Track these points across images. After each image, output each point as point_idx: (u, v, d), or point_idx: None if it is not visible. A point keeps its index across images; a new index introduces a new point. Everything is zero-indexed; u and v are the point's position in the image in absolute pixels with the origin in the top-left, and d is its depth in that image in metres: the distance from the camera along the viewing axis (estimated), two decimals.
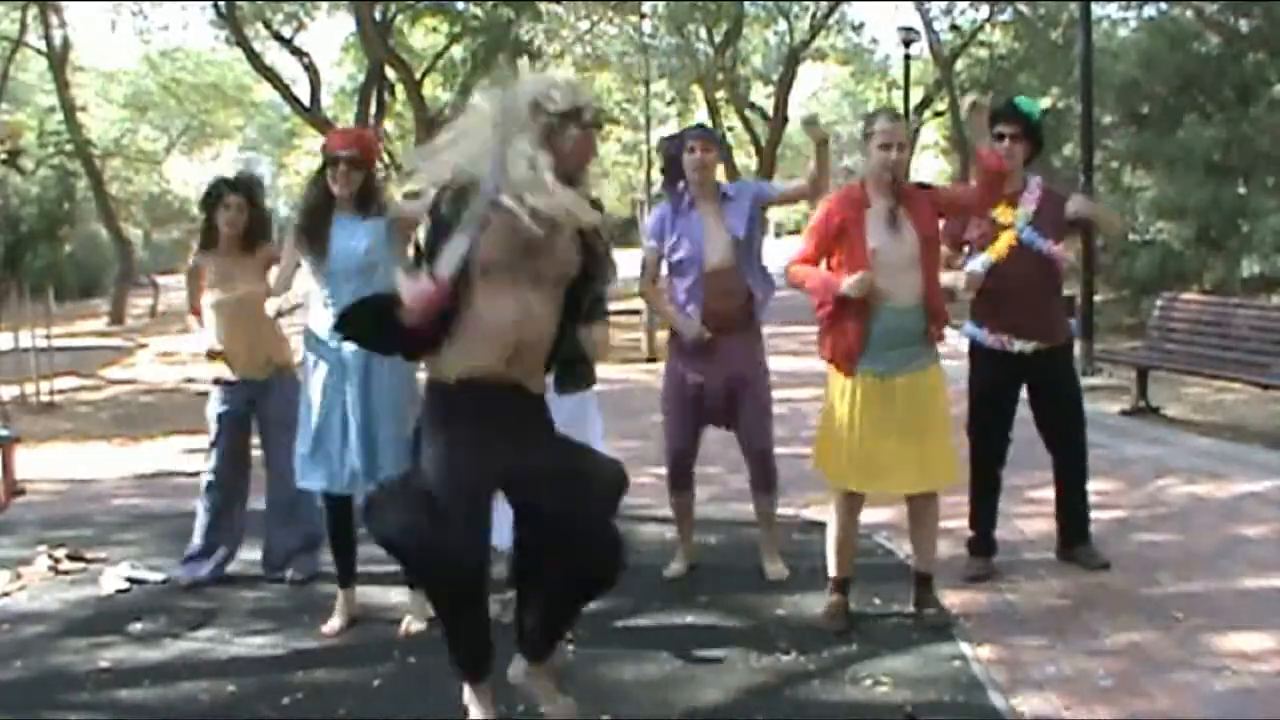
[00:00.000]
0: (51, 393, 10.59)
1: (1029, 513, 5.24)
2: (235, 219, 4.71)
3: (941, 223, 4.15)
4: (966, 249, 4.48)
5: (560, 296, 3.08)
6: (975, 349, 4.57)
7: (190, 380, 11.57)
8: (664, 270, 4.64)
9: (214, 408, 4.84)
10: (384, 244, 4.10)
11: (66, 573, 5.06)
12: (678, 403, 4.62)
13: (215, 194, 4.75)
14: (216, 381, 4.83)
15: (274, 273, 4.47)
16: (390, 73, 19.69)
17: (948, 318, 4.04)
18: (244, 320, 4.68)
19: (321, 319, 4.11)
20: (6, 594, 4.80)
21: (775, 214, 38.49)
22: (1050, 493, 4.75)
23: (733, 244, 4.45)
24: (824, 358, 4.06)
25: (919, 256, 3.91)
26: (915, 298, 3.91)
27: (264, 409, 4.79)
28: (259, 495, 4.94)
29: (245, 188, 4.80)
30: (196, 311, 4.88)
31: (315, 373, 4.17)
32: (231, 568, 4.92)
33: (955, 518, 4.54)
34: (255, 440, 4.95)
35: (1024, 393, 4.58)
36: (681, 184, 4.53)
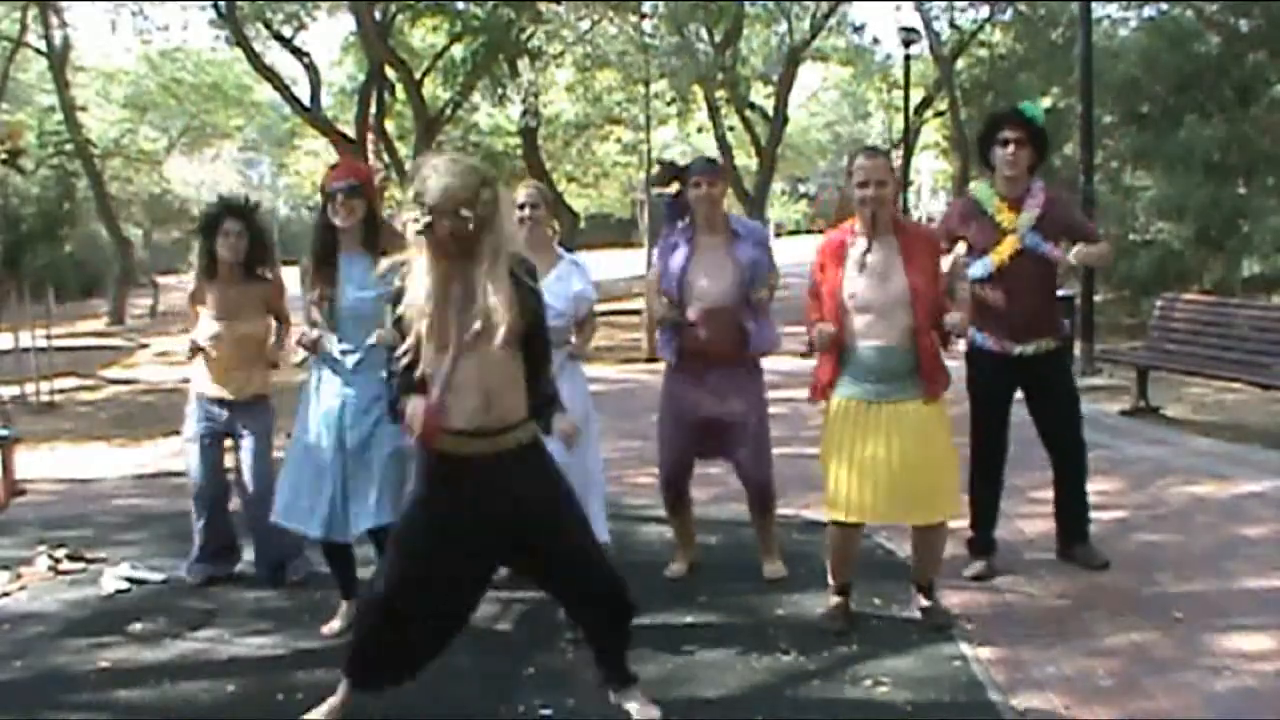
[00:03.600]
0: (51, 393, 10.59)
1: (1029, 513, 5.24)
2: (235, 245, 4.67)
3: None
4: (963, 247, 4.46)
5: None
6: (973, 351, 4.57)
7: (189, 380, 11.56)
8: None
9: (191, 426, 4.86)
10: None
11: (66, 573, 5.06)
12: (673, 429, 4.61)
13: (214, 220, 4.70)
14: (199, 398, 4.84)
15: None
16: (390, 73, 19.67)
17: (942, 372, 3.93)
18: (238, 356, 4.72)
19: (324, 354, 4.10)
20: (6, 594, 4.80)
21: (775, 213, 38.45)
22: (1051, 493, 4.75)
23: (735, 284, 4.43)
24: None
25: (908, 301, 3.82)
26: (900, 338, 3.84)
27: (242, 432, 4.80)
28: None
29: (245, 213, 4.74)
30: (194, 345, 4.81)
31: (318, 406, 4.14)
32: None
33: (955, 518, 4.54)
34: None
35: (1019, 394, 4.58)
36: (685, 220, 4.52)
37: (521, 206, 4.53)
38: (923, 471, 3.84)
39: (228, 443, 4.90)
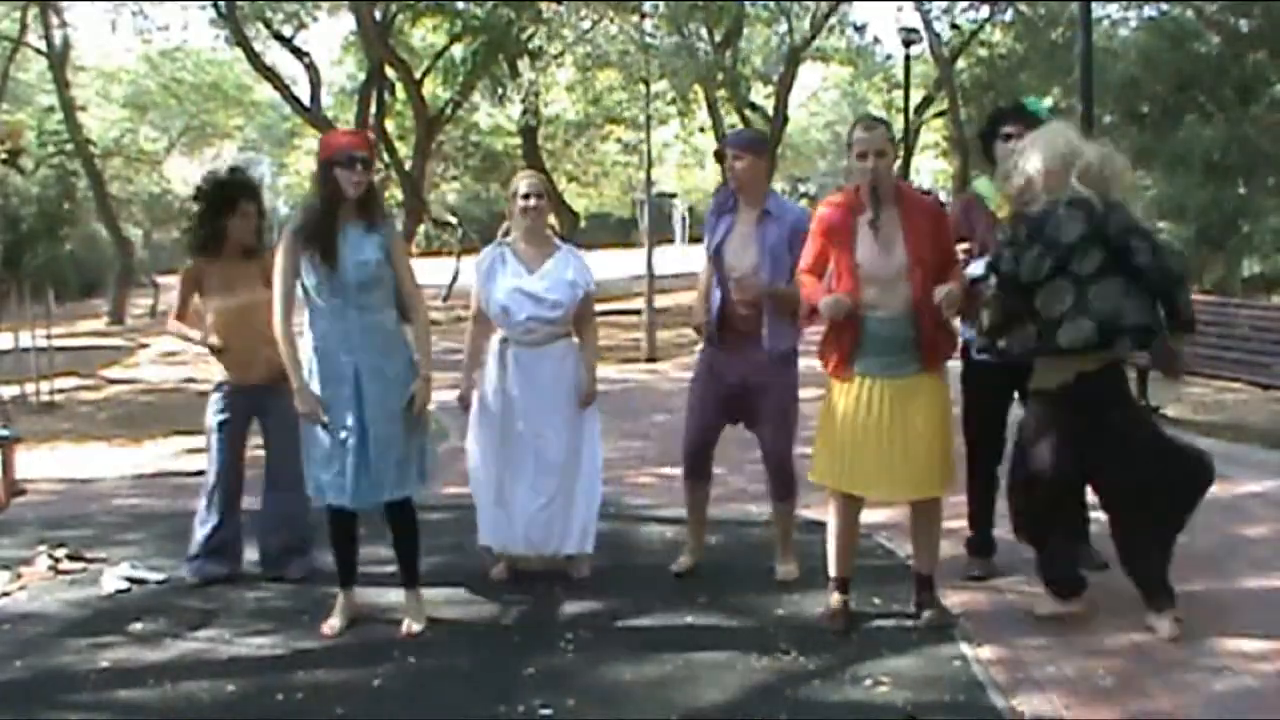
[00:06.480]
0: (51, 393, 10.58)
1: None
2: (253, 226, 4.74)
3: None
4: (964, 245, 4.43)
5: None
6: (970, 350, 4.55)
7: (190, 380, 11.58)
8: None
9: (214, 414, 4.83)
10: (388, 258, 4.09)
11: (66, 573, 5.05)
12: (700, 392, 4.66)
13: (228, 198, 4.73)
14: (220, 386, 4.83)
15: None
16: (390, 72, 19.68)
17: (945, 342, 3.98)
18: (244, 326, 4.67)
19: (324, 328, 4.08)
20: (6, 594, 4.80)
21: None
22: None
23: (760, 261, 4.43)
24: (820, 360, 4.07)
25: (908, 272, 3.85)
26: (903, 308, 3.87)
27: (267, 414, 4.78)
28: (252, 495, 4.93)
29: (255, 194, 4.81)
30: (182, 316, 4.85)
31: (314, 383, 4.11)
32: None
33: (955, 518, 4.54)
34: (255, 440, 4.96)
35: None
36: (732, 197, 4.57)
37: (526, 196, 4.56)
38: (921, 447, 3.88)
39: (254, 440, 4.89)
